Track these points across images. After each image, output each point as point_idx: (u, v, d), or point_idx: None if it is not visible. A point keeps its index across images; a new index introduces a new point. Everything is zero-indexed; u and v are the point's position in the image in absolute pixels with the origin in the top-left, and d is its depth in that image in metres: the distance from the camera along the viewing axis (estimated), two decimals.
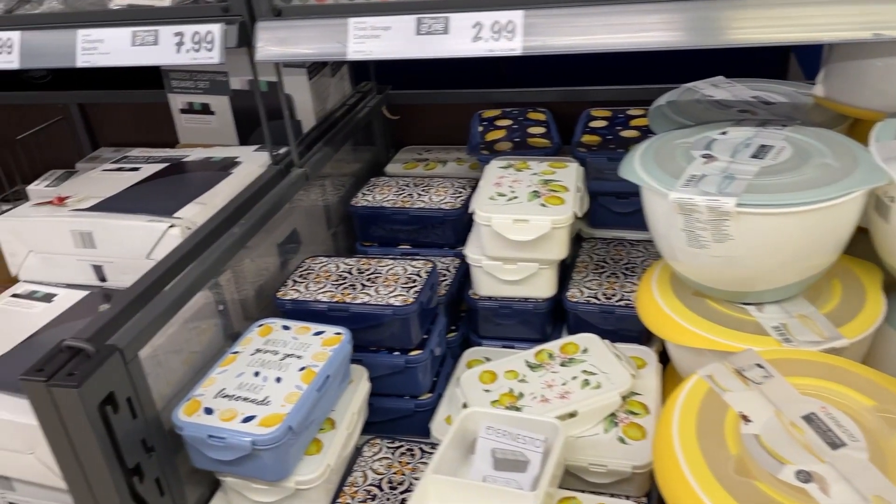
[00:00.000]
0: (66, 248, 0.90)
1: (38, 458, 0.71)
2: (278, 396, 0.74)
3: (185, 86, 1.20)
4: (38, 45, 0.99)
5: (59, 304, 0.89)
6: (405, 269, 0.96)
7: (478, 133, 1.17)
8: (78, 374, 0.62)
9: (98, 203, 0.94)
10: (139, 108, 1.53)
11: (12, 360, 0.80)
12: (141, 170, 1.06)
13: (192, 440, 0.71)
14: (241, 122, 1.22)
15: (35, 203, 0.96)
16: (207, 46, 0.94)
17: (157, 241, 0.87)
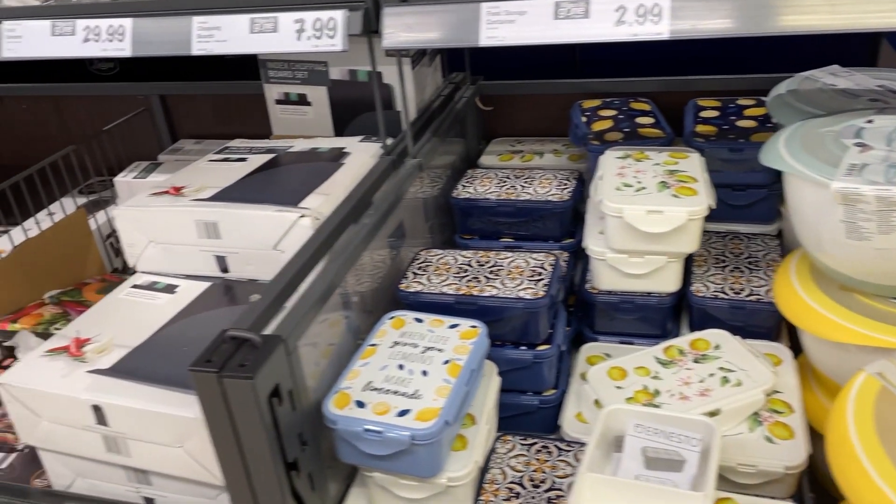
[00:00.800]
0: (189, 239, 0.89)
1: (187, 452, 0.70)
2: (429, 390, 0.72)
3: (283, 76, 1.18)
4: (152, 32, 0.98)
5: (183, 295, 0.88)
6: (527, 262, 0.93)
7: (582, 123, 1.15)
8: (249, 365, 0.61)
9: (218, 193, 0.93)
10: (217, 100, 1.52)
11: (149, 352, 0.79)
12: (248, 160, 1.05)
13: (345, 434, 0.69)
14: (337, 114, 1.20)
15: (151, 193, 0.95)
16: (329, 33, 0.92)
17: (286, 232, 0.85)
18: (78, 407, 0.72)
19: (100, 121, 1.59)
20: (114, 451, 0.74)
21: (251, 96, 1.51)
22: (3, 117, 1.59)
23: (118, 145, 1.50)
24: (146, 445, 0.72)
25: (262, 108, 1.47)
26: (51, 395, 0.73)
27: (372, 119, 1.22)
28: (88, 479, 0.79)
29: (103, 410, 0.71)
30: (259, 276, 0.90)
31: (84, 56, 1.01)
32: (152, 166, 1.36)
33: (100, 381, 0.74)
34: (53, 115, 1.57)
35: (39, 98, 1.56)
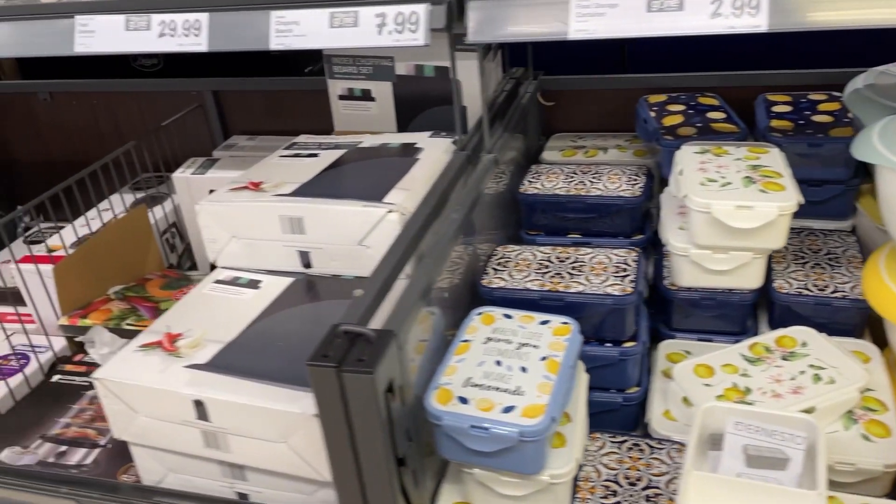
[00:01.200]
0: (272, 234, 0.89)
1: (291, 447, 0.70)
2: (530, 386, 0.71)
3: (348, 71, 1.18)
4: (228, 27, 0.97)
5: (268, 290, 0.88)
6: (609, 258, 0.93)
7: (651, 118, 1.14)
8: (368, 360, 0.60)
9: (299, 188, 0.92)
10: (269, 95, 1.51)
11: (244, 347, 0.78)
12: (320, 156, 1.04)
13: (450, 430, 0.69)
14: (401, 109, 1.19)
15: (230, 188, 0.95)
16: (411, 28, 0.92)
17: (373, 227, 0.85)
18: (179, 402, 0.72)
19: (150, 117, 1.59)
20: (212, 447, 0.74)
21: (303, 92, 1.51)
22: (54, 114, 1.60)
23: (170, 141, 1.50)
24: (248, 441, 0.71)
25: (314, 103, 1.47)
26: (150, 390, 0.73)
27: (437, 115, 1.22)
28: (180, 475, 0.79)
29: (205, 405, 0.71)
30: (342, 271, 0.89)
31: (160, 51, 1.01)
32: (209, 162, 1.36)
33: (199, 377, 0.73)
34: (104, 111, 1.57)
35: (90, 94, 1.56)
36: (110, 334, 1.03)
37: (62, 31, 1.01)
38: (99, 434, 0.91)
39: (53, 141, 1.65)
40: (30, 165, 1.71)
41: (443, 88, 1.15)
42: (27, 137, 1.67)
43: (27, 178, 1.73)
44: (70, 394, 0.99)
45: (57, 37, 1.02)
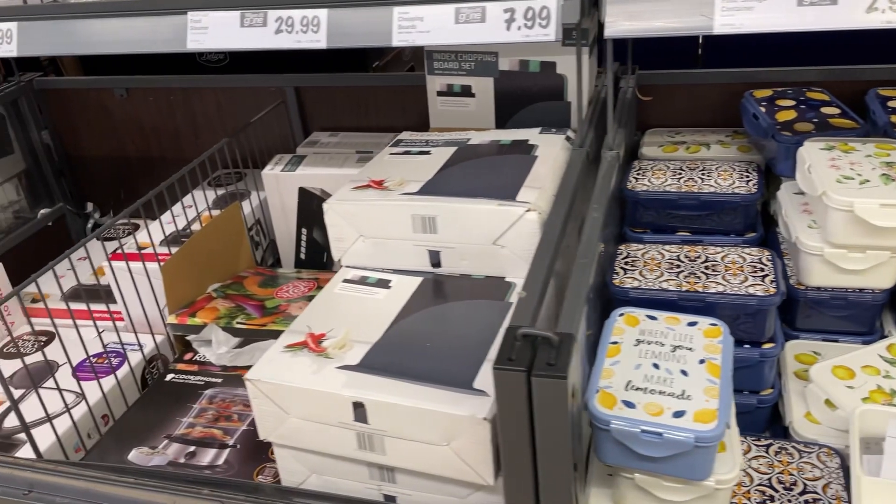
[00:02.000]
0: (403, 233, 0.88)
1: (454, 450, 0.69)
2: (696, 390, 0.70)
3: (449, 67, 1.16)
4: (348, 23, 0.96)
5: (400, 290, 0.87)
6: (743, 258, 0.91)
7: (762, 114, 1.11)
8: (559, 364, 0.59)
9: (425, 187, 0.91)
10: (347, 91, 1.50)
11: (392, 348, 0.77)
12: (433, 154, 1.03)
13: (618, 435, 0.68)
14: (501, 105, 1.18)
15: (353, 187, 0.94)
16: (542, 23, 0.90)
17: (510, 227, 0.84)
18: (336, 404, 0.71)
19: (228, 113, 1.59)
20: (366, 449, 0.73)
21: (382, 88, 1.50)
22: (130, 110, 1.59)
23: (247, 138, 1.49)
24: (406, 443, 0.70)
25: (394, 99, 1.46)
26: (305, 391, 0.72)
27: (538, 111, 1.20)
28: (324, 476, 0.78)
29: (365, 407, 0.70)
30: (472, 270, 0.88)
31: (276, 48, 1.00)
32: (296, 159, 1.35)
33: (354, 378, 0.72)
34: (181, 107, 1.57)
35: (168, 90, 1.56)
36: (224, 333, 1.02)
37: (174, 27, 1.01)
38: (225, 434, 0.91)
39: (127, 137, 1.64)
40: (99, 161, 1.70)
41: (547, 84, 1.14)
42: (99, 133, 1.66)
43: (96, 174, 1.73)
44: (187, 393, 0.99)
45: (169, 33, 1.01)
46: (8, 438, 1.07)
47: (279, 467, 0.80)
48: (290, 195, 1.36)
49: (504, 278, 0.87)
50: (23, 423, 0.94)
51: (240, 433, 0.90)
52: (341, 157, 1.37)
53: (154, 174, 1.69)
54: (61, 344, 1.06)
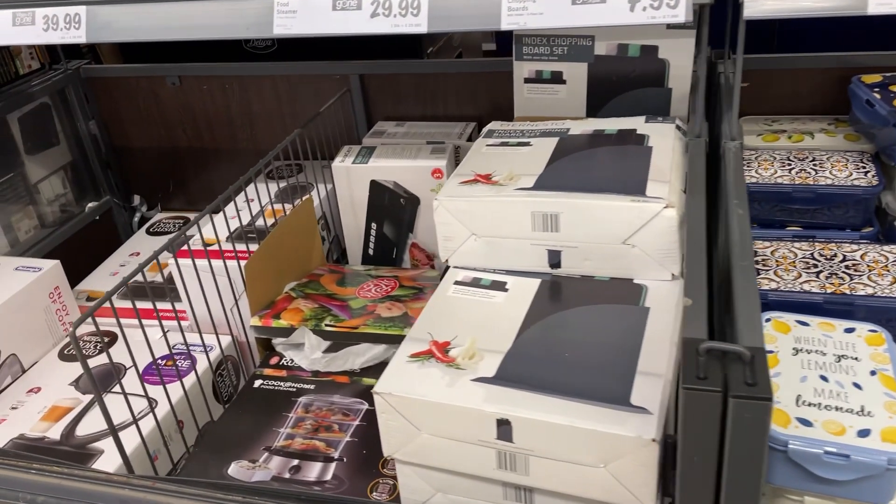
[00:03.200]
0: (521, 232, 0.81)
1: (611, 472, 0.63)
2: (876, 406, 0.64)
3: (539, 52, 1.10)
4: (452, 6, 0.89)
5: (519, 293, 0.80)
6: (885, 256, 0.85)
7: (878, 101, 1.05)
8: (760, 384, 0.53)
9: (539, 181, 0.85)
10: (414, 79, 1.43)
11: (526, 358, 0.71)
12: (534, 145, 0.97)
13: (796, 456, 0.62)
14: (593, 92, 1.11)
15: (460, 182, 0.88)
16: (670, 3, 0.83)
17: (645, 224, 0.78)
18: (477, 420, 0.65)
19: (286, 102, 1.52)
20: (506, 469, 0.67)
21: (453, 75, 1.42)
22: (183, 98, 1.53)
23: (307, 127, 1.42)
24: (555, 464, 0.64)
25: (463, 87, 1.39)
26: (441, 406, 0.66)
27: (634, 98, 1.13)
28: (451, 496, 0.72)
29: (511, 425, 0.64)
30: (596, 271, 0.82)
31: (371, 33, 0.94)
32: (366, 150, 1.29)
33: (495, 392, 0.67)
34: (236, 96, 1.50)
35: (223, 79, 1.49)
36: (316, 336, 0.97)
37: (260, 11, 0.94)
38: (329, 446, 0.85)
39: (178, 127, 1.58)
40: (147, 152, 1.64)
41: (646, 70, 1.07)
42: (148, 123, 1.60)
43: (143, 166, 1.67)
44: (280, 401, 0.93)
45: (253, 17, 0.94)
46: (81, 448, 1.02)
47: (401, 485, 0.74)
48: (360, 188, 1.30)
49: (632, 280, 0.81)
50: (112, 429, 0.87)
51: (344, 445, 0.84)
52: (413, 148, 1.31)
53: (205, 165, 1.64)
54: (127, 346, 1.00)
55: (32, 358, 1.22)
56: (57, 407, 1.10)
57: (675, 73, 1.05)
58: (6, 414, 1.09)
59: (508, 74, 1.35)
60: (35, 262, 1.27)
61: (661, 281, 0.79)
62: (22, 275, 1.23)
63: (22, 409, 1.10)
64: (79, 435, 1.04)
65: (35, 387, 1.15)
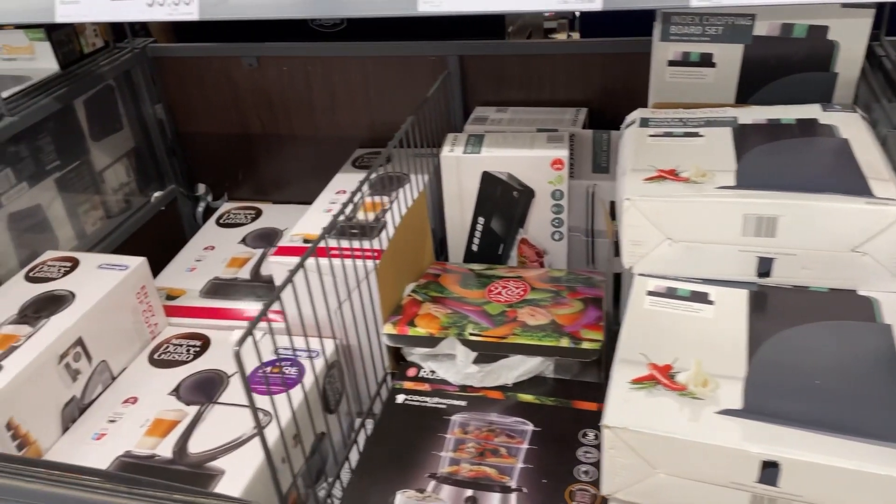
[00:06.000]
0: (728, 236, 0.72)
1: None
2: None
3: (690, 32, 1.00)
4: None
5: (727, 306, 0.71)
6: None
7: None
8: None
9: (740, 179, 0.76)
10: (517, 61, 1.33)
11: (770, 385, 0.62)
12: (705, 136, 0.88)
13: None
14: (746, 76, 1.02)
15: (644, 178, 0.79)
16: None
17: (882, 230, 0.68)
18: (738, 461, 0.57)
19: (373, 84, 1.42)
20: None
21: (560, 56, 1.31)
22: (259, 81, 1.42)
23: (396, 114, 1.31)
24: None
25: (570, 70, 1.29)
26: (694, 445, 0.57)
27: (791, 83, 1.03)
28: None
29: (780, 468, 0.56)
30: (812, 282, 0.72)
31: (540, 10, 0.84)
32: (475, 139, 1.19)
33: (751, 427, 0.58)
34: (320, 78, 1.40)
35: (306, 59, 1.38)
36: (464, 348, 0.88)
37: None
38: (502, 474, 0.76)
39: (252, 111, 1.47)
40: (215, 138, 1.53)
41: (811, 52, 0.98)
42: (219, 107, 1.49)
43: (211, 152, 1.56)
44: (431, 419, 0.84)
45: None
46: (198, 468, 0.93)
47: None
48: (470, 180, 1.20)
49: (855, 292, 0.72)
50: (263, 443, 0.77)
51: (518, 473, 0.76)
52: (526, 137, 1.21)
53: (279, 152, 1.53)
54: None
55: (120, 364, 1.12)
56: (161, 420, 1.00)
57: (844, 56, 0.96)
58: (105, 428, 1.00)
59: (622, 56, 1.26)
60: (119, 259, 1.17)
61: (892, 293, 0.71)
62: (108, 273, 1.13)
63: (121, 422, 1.01)
64: (192, 452, 0.95)
65: (130, 397, 1.05)
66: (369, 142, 1.46)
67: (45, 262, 1.17)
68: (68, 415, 1.02)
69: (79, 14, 0.96)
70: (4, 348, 0.98)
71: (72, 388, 1.03)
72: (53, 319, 1.03)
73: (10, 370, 0.94)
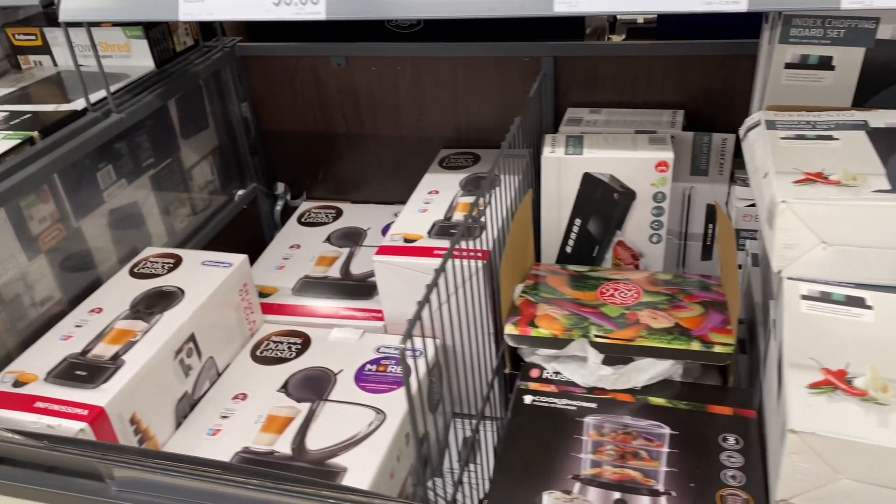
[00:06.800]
0: (888, 241, 0.71)
1: None
2: None
3: (811, 35, 0.99)
4: None
5: (888, 310, 0.71)
6: None
7: None
8: None
9: (894, 182, 0.75)
10: (611, 62, 1.32)
11: None
12: (839, 139, 0.87)
13: None
14: (863, 81, 1.01)
15: (794, 181, 0.78)
16: None
17: None
18: None
19: (465, 83, 1.42)
20: None
21: (658, 58, 1.31)
22: (347, 80, 1.43)
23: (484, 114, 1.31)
24: None
25: (666, 71, 1.28)
26: (884, 450, 0.57)
27: None
28: None
29: None
30: None
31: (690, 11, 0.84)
32: (575, 140, 1.19)
33: None
34: (409, 78, 1.40)
35: (395, 59, 1.39)
36: (594, 350, 0.88)
37: None
38: (647, 477, 0.76)
39: (337, 111, 1.48)
40: (297, 136, 1.54)
41: None
42: (303, 106, 1.50)
43: (292, 151, 1.57)
44: (563, 421, 0.83)
45: None
46: (320, 465, 0.93)
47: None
48: (570, 181, 1.20)
49: None
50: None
51: (664, 476, 0.75)
52: (626, 139, 1.21)
53: (361, 152, 1.54)
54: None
55: (225, 360, 1.13)
56: (275, 417, 1.01)
57: None
58: (219, 424, 1.01)
59: (722, 58, 1.25)
60: (221, 256, 1.18)
61: None
62: (213, 270, 1.14)
63: (234, 419, 1.02)
64: (312, 449, 0.95)
65: (239, 393, 1.06)
66: (454, 142, 1.46)
67: (146, 259, 1.19)
68: (181, 410, 1.03)
69: (202, 12, 0.97)
70: (123, 343, 0.99)
71: (185, 383, 1.04)
72: (166, 315, 1.04)
73: (132, 365, 0.95)
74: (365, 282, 1.31)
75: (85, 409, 0.87)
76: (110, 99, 1.14)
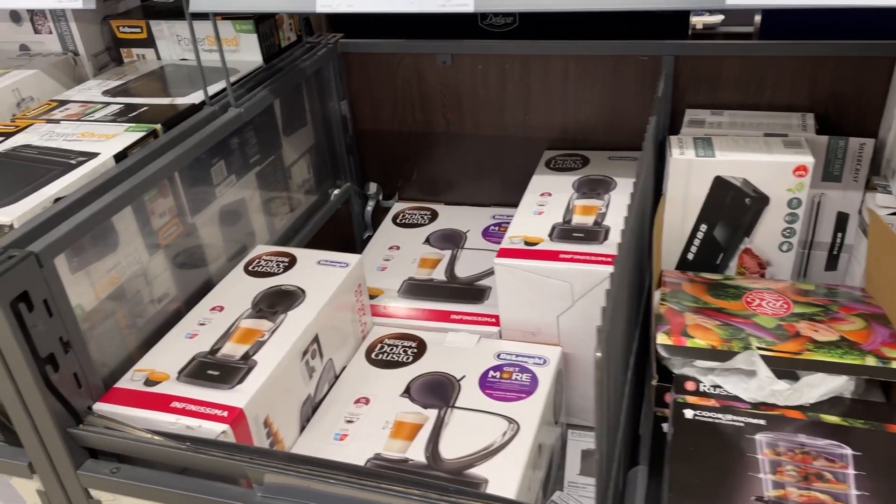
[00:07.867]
0: None
1: None
2: None
3: None
4: None
5: None
6: None
7: None
8: None
9: None
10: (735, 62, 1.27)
11: None
12: None
13: None
14: None
15: None
16: None
17: None
18: None
19: (571, 85, 1.38)
20: None
21: (776, 59, 1.25)
22: (451, 79, 1.39)
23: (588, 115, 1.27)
24: None
25: (791, 72, 1.22)
26: None
27: None
28: None
29: None
30: None
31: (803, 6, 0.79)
32: (704, 142, 1.14)
33: None
34: (516, 77, 1.36)
35: (503, 58, 1.35)
36: (764, 363, 0.83)
37: None
38: (837, 501, 0.71)
39: (439, 110, 1.44)
40: (394, 135, 1.51)
41: None
42: (404, 104, 1.46)
43: (387, 150, 1.53)
44: (732, 438, 0.78)
45: None
46: (458, 475, 0.90)
47: None
48: (699, 184, 1.14)
49: None
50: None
51: (856, 501, 0.70)
52: (759, 142, 1.15)
53: (459, 152, 1.50)
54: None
55: (341, 362, 1.10)
56: (403, 423, 0.97)
57: None
58: (345, 428, 0.98)
59: (855, 60, 1.19)
60: (336, 255, 1.15)
61: None
62: (330, 270, 1.11)
63: (360, 423, 0.98)
64: (447, 458, 0.92)
65: (362, 397, 1.03)
66: (559, 143, 1.42)
67: (259, 257, 1.16)
68: (304, 413, 1.00)
69: (340, 4, 0.95)
70: (251, 343, 0.97)
71: (308, 385, 1.01)
72: (291, 315, 1.01)
73: (265, 366, 0.92)
74: (472, 285, 1.27)
75: (224, 411, 0.84)
76: (230, 92, 1.12)
